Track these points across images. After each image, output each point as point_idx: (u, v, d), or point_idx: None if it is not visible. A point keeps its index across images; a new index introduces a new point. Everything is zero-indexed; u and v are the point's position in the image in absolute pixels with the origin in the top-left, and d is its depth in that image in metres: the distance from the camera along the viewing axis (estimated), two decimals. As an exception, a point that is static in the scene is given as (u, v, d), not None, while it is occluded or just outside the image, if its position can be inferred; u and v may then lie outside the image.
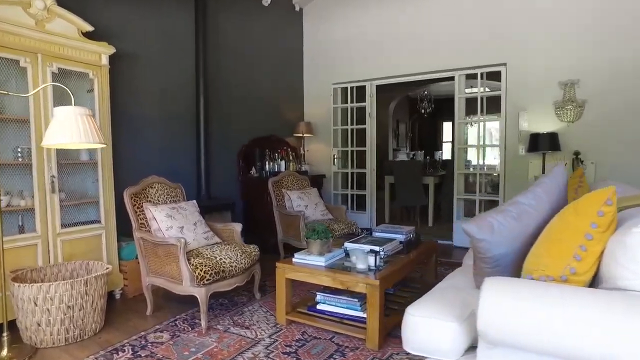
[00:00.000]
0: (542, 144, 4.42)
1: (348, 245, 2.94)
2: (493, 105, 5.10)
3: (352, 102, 5.92)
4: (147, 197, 3.12)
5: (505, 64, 4.82)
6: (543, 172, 4.50)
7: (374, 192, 5.93)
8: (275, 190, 4.54)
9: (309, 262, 2.73)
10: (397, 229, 3.44)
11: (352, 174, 6.10)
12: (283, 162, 5.23)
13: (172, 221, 2.98)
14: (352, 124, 5.99)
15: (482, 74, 4.97)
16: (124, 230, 3.39)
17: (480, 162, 5.34)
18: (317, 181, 5.56)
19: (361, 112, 5.90)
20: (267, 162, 5.12)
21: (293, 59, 6.11)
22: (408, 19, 5.38)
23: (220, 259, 2.81)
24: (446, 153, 13.95)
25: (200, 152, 4.28)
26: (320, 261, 2.70)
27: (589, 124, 4.39)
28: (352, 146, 6.06)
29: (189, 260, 2.69)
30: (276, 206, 4.48)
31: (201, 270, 2.65)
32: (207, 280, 2.66)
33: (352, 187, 6.11)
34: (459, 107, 5.20)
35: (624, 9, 4.20)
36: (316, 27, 6.13)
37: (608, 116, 4.31)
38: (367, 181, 5.91)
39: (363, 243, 3.01)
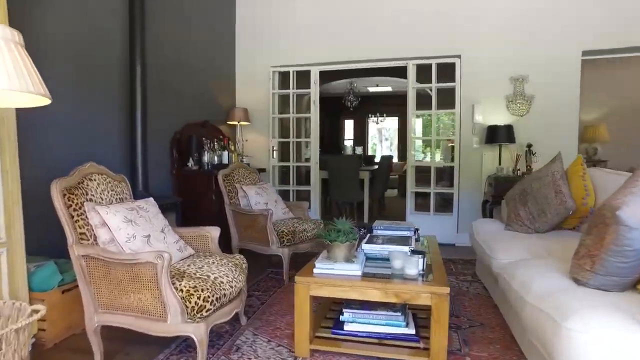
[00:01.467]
0: (500, 136, 4.45)
1: (367, 248, 2.39)
2: (445, 100, 5.04)
3: (294, 88, 5.32)
4: (87, 194, 2.10)
5: (459, 56, 4.77)
6: (499, 163, 4.55)
7: (318, 187, 5.41)
8: (227, 185, 3.71)
9: (340, 272, 2.10)
10: (399, 226, 3.00)
11: (293, 167, 5.49)
12: (226, 153, 4.38)
13: (133, 228, 2.05)
14: (294, 112, 5.38)
15: (436, 65, 4.86)
16: (29, 247, 2.27)
17: (427, 158, 5.26)
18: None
19: (301, 99, 5.34)
20: (205, 153, 4.21)
21: (226, 38, 5.24)
22: (359, 1, 5.01)
23: (216, 278, 2.00)
24: (349, 150, 14.17)
25: (137, 136, 3.23)
26: (354, 270, 2.10)
27: (536, 118, 4.58)
28: (293, 137, 5.44)
29: (172, 284, 1.83)
30: (229, 204, 3.65)
31: (198, 298, 1.82)
32: (207, 312, 1.84)
33: (293, 183, 5.50)
34: (410, 98, 5.01)
35: (567, 10, 4.47)
36: (252, 3, 5.36)
37: (552, 111, 4.54)
38: (311, 176, 5.37)
39: (381, 243, 2.50)
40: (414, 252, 2.17)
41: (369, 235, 2.74)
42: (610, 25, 4.36)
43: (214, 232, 2.49)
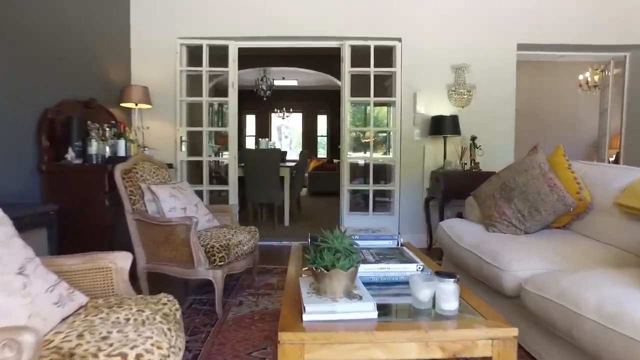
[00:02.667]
0: (446, 127, 4.11)
1: (365, 270, 1.69)
2: (382, 91, 4.56)
3: (207, 66, 4.33)
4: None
5: (400, 40, 4.32)
6: (445, 156, 4.21)
7: (237, 186, 4.50)
8: (129, 185, 2.65)
9: (347, 317, 1.34)
10: (377, 234, 2.37)
11: (206, 163, 4.49)
12: (122, 142, 3.25)
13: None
14: (208, 95, 4.39)
15: (374, 48, 4.34)
16: None
17: (360, 153, 4.74)
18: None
19: (217, 80, 4.40)
20: (92, 141, 3.04)
21: (113, -9, 4.03)
22: (287, -33, 4.26)
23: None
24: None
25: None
26: (367, 310, 1.36)
27: (477, 109, 4.35)
28: (209, 126, 4.45)
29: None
30: (131, 211, 2.61)
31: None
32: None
33: (209, 182, 4.50)
34: (345, 84, 4.42)
35: (504, 1, 4.33)
36: (149, -48, 4.23)
37: (491, 103, 4.36)
38: (229, 173, 4.44)
39: (374, 261, 1.83)
40: (441, 274, 1.52)
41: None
42: (545, 19, 4.32)
43: (122, 261, 1.53)
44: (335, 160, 10.92)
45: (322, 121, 13.44)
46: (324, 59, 8.79)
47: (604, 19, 4.30)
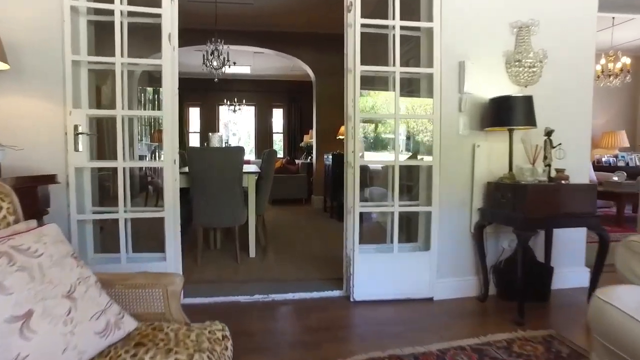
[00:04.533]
0: (515, 114, 2.63)
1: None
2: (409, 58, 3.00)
3: (123, 3, 2.50)
4: None
5: (439, -22, 2.79)
6: (511, 160, 2.73)
7: (177, 211, 2.70)
8: None
9: None
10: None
11: (124, 171, 2.64)
12: None
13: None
14: (125, 56, 2.55)
15: (400, -10, 2.76)
16: None
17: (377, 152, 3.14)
18: (30, 195, 1.94)
19: (136, 41, 2.60)
20: None
21: None
22: None
23: None
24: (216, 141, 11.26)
25: None
26: None
27: (546, 90, 2.93)
28: (130, 108, 2.60)
29: None
30: None
31: None
32: None
33: (126, 203, 2.65)
34: (353, 45, 2.79)
35: None
36: None
37: (565, 81, 2.97)
38: (165, 188, 2.63)
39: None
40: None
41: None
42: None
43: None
44: (297, 161, 9.25)
45: (277, 115, 11.71)
46: (285, 37, 7.16)
47: None
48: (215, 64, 4.53)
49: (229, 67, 4.53)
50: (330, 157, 6.28)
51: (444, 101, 2.81)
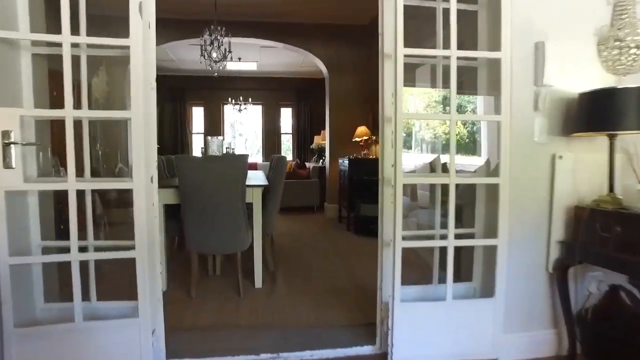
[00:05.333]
0: (623, 113, 1.88)
1: None
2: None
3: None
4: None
5: None
6: (612, 177, 1.98)
7: (160, 248, 2.00)
8: None
9: None
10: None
11: (82, 195, 1.95)
12: None
13: None
14: (75, 32, 1.84)
15: (456, -56, 2.02)
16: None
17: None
18: None
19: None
20: None
21: None
22: None
23: None
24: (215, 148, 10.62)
25: None
26: None
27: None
28: (81, 105, 1.90)
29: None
30: None
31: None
32: None
33: (87, 236, 1.95)
34: (393, 22, 2.06)
35: None
36: None
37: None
38: (137, 217, 1.92)
39: None
40: None
41: None
42: None
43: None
44: (308, 164, 8.54)
45: (286, 115, 10.99)
46: (294, 29, 6.43)
47: None
48: (214, 55, 3.81)
49: (231, 60, 3.82)
50: (347, 161, 5.56)
51: (514, 97, 2.08)
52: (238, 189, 3.00)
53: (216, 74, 4.17)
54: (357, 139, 6.04)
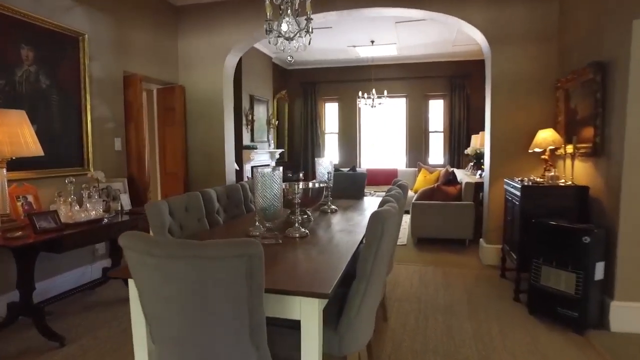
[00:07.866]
0: None
1: None
2: None
3: None
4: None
5: None
6: None
7: None
8: None
9: None
10: None
11: None
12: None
13: None
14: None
15: None
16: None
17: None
18: None
19: None
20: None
21: None
22: None
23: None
24: (332, 148, 9.43)
25: None
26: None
27: None
28: None
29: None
30: None
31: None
32: None
33: None
34: None
35: None
36: None
37: None
38: None
39: None
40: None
41: None
42: None
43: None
44: (459, 175, 6.33)
45: (436, 109, 8.88)
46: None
47: None
48: (284, 27, 2.26)
49: (310, 37, 2.21)
50: (518, 187, 3.40)
51: None
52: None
53: (290, 58, 2.62)
54: (537, 150, 3.76)
